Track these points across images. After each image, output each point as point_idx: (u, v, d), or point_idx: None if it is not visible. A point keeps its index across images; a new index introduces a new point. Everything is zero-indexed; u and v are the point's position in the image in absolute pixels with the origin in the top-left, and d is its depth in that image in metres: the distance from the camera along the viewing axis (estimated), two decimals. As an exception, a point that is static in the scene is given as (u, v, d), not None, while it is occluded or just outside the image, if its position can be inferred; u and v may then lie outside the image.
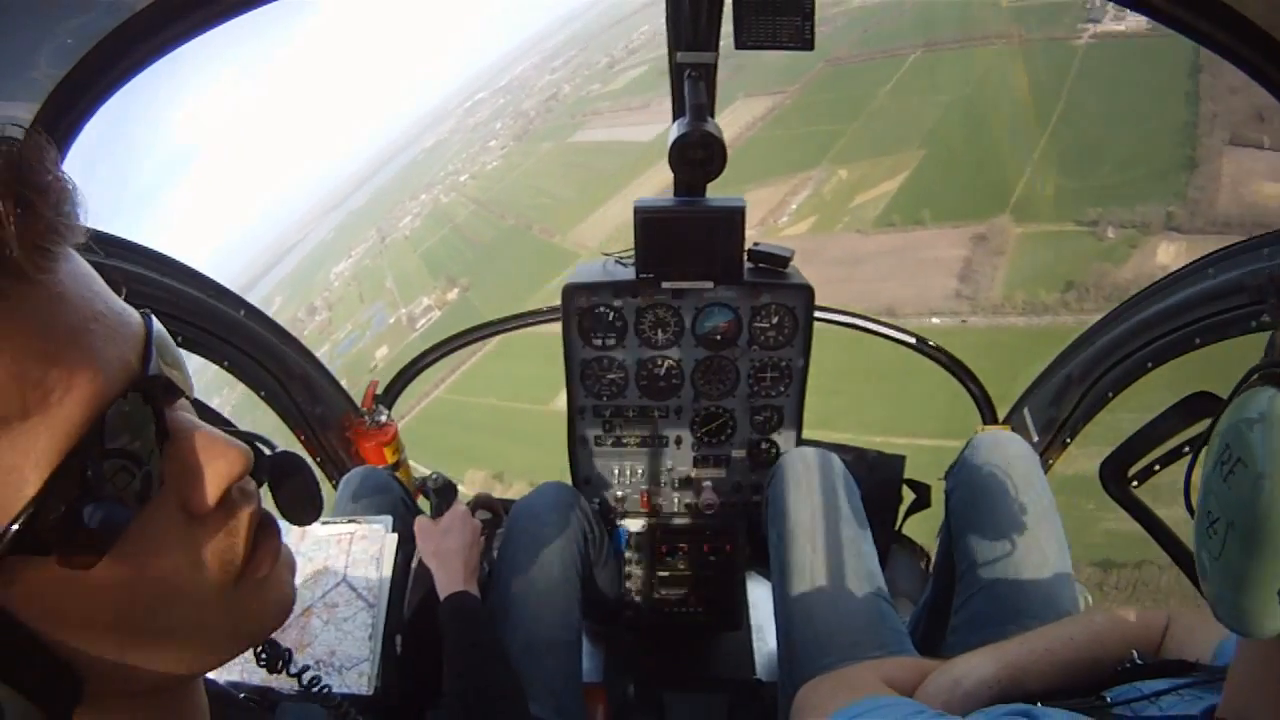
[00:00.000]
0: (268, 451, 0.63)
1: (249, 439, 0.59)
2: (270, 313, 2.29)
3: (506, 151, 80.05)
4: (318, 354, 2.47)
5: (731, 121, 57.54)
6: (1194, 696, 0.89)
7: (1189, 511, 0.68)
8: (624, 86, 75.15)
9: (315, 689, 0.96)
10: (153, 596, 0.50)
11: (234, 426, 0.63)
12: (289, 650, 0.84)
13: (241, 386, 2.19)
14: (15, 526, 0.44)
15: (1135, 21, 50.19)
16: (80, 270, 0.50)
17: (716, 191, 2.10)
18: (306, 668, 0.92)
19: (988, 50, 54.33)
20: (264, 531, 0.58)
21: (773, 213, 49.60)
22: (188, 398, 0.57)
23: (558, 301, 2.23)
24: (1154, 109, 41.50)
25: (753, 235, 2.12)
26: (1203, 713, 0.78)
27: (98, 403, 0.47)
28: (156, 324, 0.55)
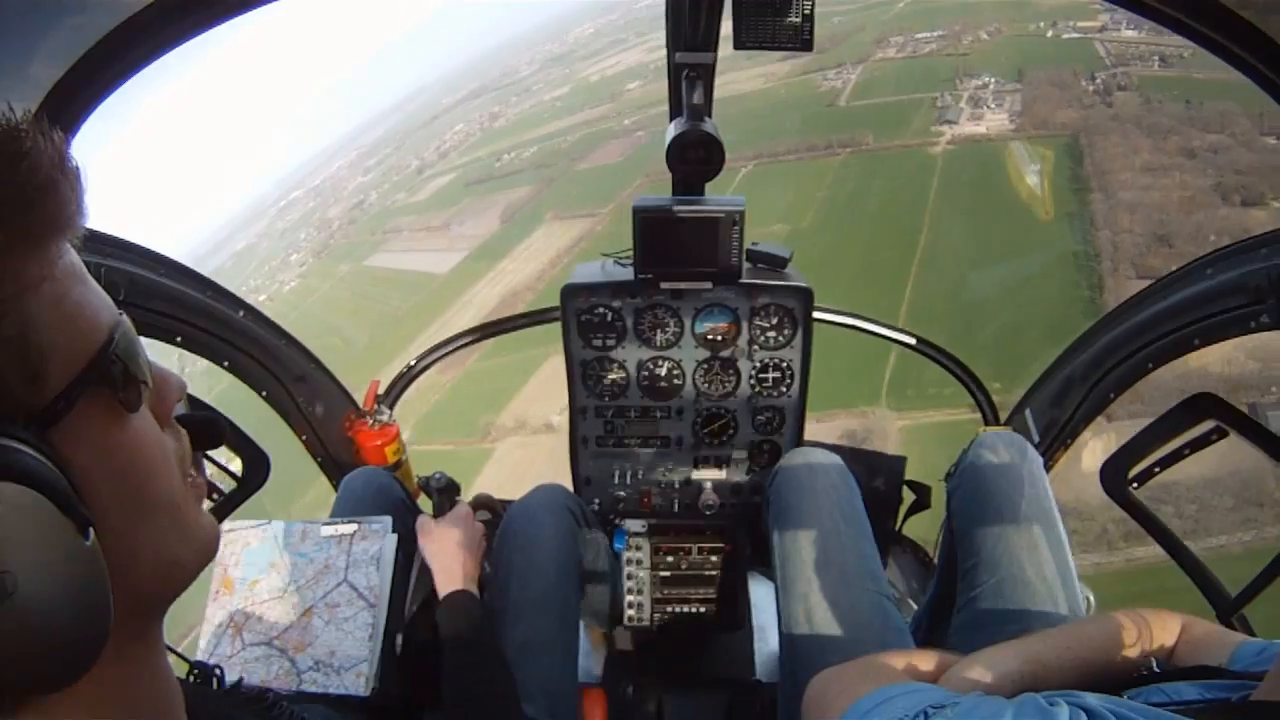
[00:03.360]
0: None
1: None
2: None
3: (305, 269, 71.51)
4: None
5: (540, 252, 48.40)
6: (1219, 699, 0.89)
7: None
8: (428, 198, 68.34)
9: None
10: (149, 463, 0.65)
11: None
12: (219, 666, 0.96)
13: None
14: (102, 348, 0.61)
15: (996, 120, 43.61)
16: None
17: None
18: (240, 680, 0.99)
19: (830, 163, 45.30)
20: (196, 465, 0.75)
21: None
22: None
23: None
24: (1039, 238, 33.78)
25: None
26: (1239, 698, 0.79)
27: (116, 314, 0.66)
28: None
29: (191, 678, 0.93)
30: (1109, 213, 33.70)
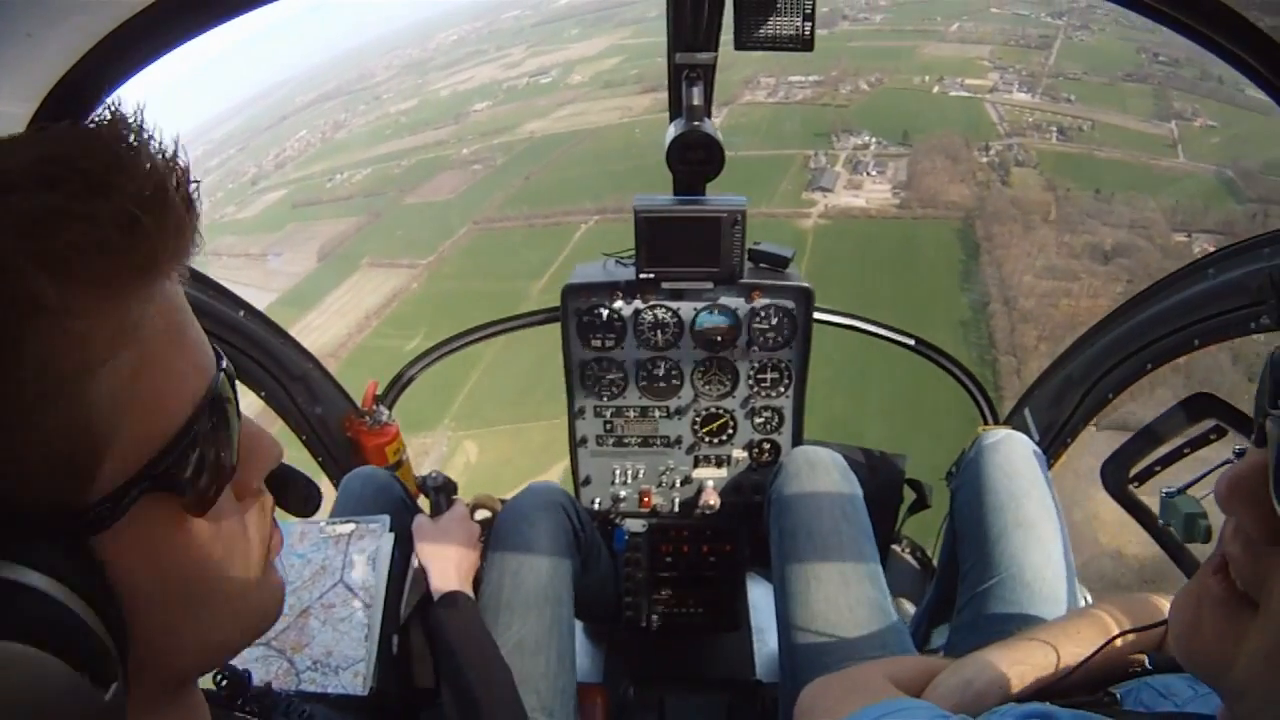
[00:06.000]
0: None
1: None
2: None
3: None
4: None
5: (349, 308, 40.16)
6: (1209, 692, 0.89)
7: None
8: (255, 216, 61.50)
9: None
10: (220, 559, 0.54)
11: None
12: (247, 671, 0.86)
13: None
14: (178, 435, 0.48)
15: (878, 192, 36.91)
16: None
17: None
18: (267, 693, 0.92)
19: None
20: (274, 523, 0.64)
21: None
22: None
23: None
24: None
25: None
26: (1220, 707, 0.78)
27: (211, 373, 0.54)
28: None
29: (218, 683, 0.86)
30: (1010, 332, 26.47)
